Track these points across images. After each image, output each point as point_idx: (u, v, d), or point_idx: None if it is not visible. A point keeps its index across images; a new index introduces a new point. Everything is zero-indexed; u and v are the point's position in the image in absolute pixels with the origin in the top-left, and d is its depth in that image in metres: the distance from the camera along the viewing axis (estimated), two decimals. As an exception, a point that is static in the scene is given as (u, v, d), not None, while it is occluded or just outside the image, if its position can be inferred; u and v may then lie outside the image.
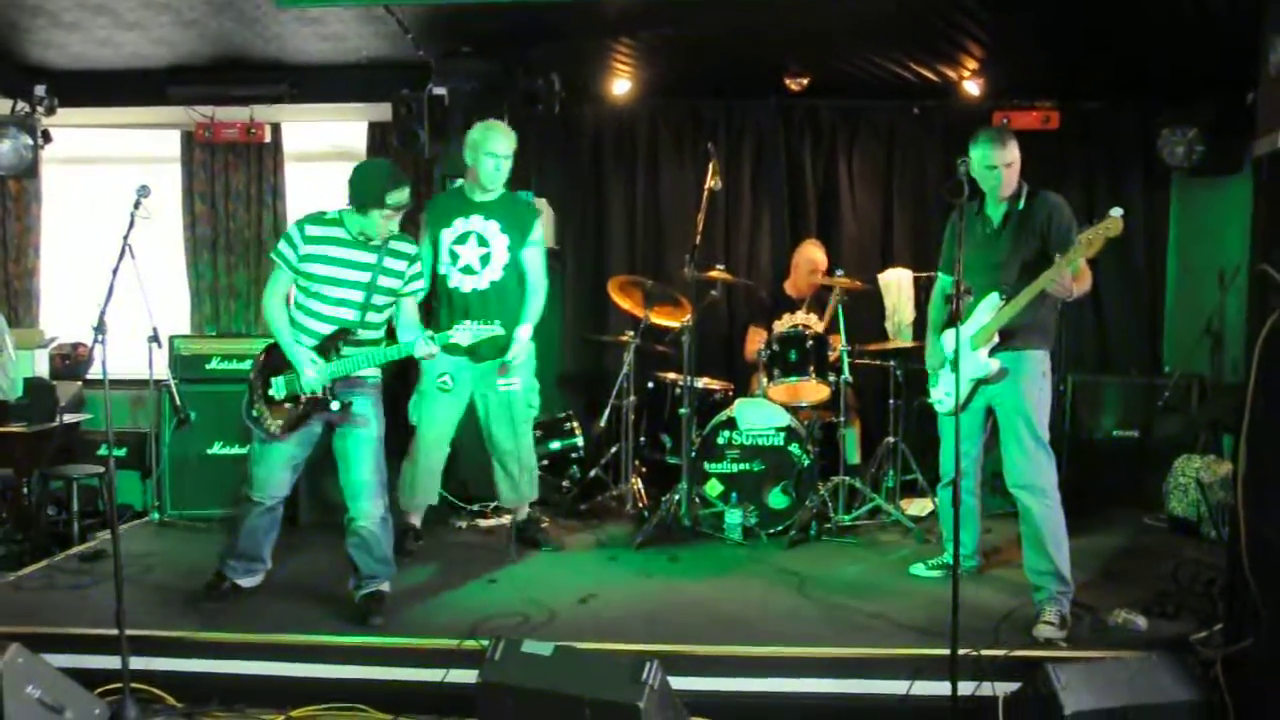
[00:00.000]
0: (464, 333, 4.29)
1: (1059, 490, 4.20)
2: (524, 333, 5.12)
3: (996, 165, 4.25)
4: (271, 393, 4.35)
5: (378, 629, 4.14)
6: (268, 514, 4.48)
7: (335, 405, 4.26)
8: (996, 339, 4.23)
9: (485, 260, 5.09)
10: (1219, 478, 5.50)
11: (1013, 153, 4.28)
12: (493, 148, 5.02)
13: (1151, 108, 6.68)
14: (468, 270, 5.10)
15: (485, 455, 5.33)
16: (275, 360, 4.36)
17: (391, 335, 4.51)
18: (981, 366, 4.26)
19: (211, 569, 4.58)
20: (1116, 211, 3.81)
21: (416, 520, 5.42)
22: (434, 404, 5.16)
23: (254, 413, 4.36)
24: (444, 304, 5.17)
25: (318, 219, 4.38)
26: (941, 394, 4.60)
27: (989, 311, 4.26)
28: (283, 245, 4.34)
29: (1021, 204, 4.33)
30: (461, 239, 5.10)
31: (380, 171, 4.31)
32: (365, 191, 4.23)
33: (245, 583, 4.57)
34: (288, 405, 4.32)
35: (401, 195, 4.23)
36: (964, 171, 3.74)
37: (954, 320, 3.74)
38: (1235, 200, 6.25)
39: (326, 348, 4.28)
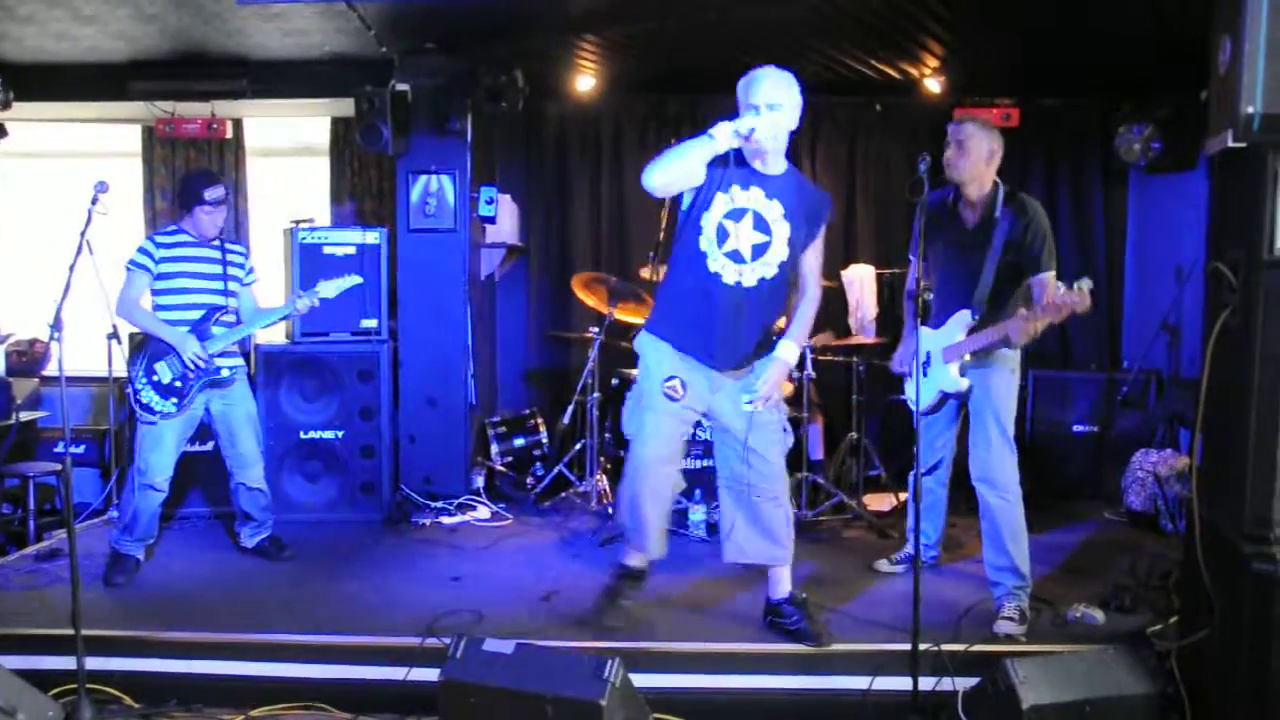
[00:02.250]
0: (329, 285, 4.97)
1: (1019, 486, 4.23)
2: (790, 352, 3.98)
3: (949, 140, 4.15)
4: (157, 378, 4.83)
5: (290, 559, 5.07)
6: (162, 497, 4.93)
7: (225, 372, 4.92)
8: (968, 356, 4.19)
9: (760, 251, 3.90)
10: (1175, 472, 5.58)
11: (965, 130, 4.16)
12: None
13: (1109, 105, 6.76)
14: (735, 256, 3.90)
15: (451, 447, 5.24)
16: (151, 349, 4.86)
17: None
18: (951, 383, 4.21)
19: (109, 553, 4.89)
20: (1086, 284, 3.68)
21: (641, 562, 4.24)
22: (658, 415, 4.01)
23: (143, 399, 4.82)
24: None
25: (162, 232, 5.06)
26: (910, 396, 4.56)
27: (960, 329, 4.18)
28: (140, 256, 4.88)
29: (999, 209, 4.17)
30: (737, 213, 3.90)
31: (196, 175, 5.22)
32: (188, 193, 4.94)
33: (142, 556, 4.99)
34: (176, 384, 4.83)
35: (218, 192, 4.94)
36: (925, 168, 3.71)
37: (921, 316, 3.73)
38: (1191, 197, 6.33)
39: (203, 324, 4.88)
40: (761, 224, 3.85)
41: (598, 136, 7.25)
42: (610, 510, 5.75)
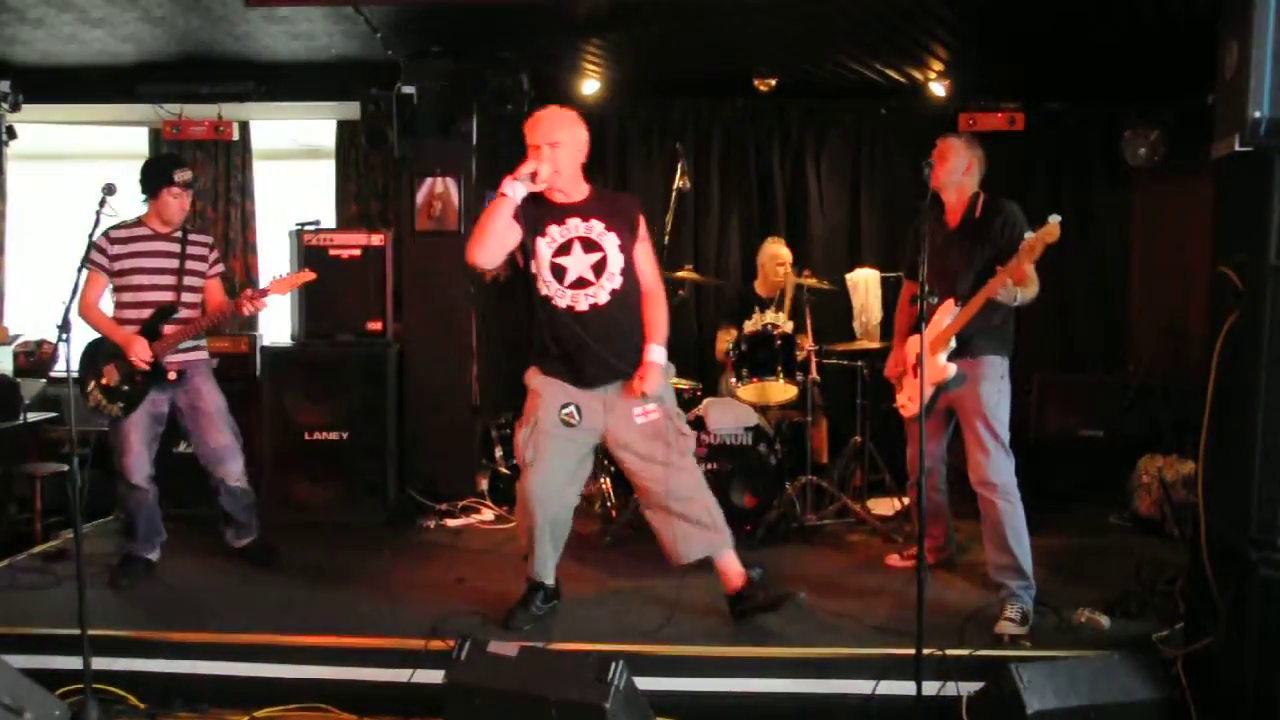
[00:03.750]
0: (282, 283, 4.83)
1: (1019, 489, 4.25)
2: (657, 354, 4.13)
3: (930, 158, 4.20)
4: (104, 380, 4.71)
5: (280, 568, 4.87)
6: (150, 494, 4.85)
7: (172, 375, 4.73)
8: (954, 344, 4.29)
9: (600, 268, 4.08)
10: (1181, 477, 5.57)
11: (950, 144, 4.45)
12: None
13: (1115, 109, 6.76)
14: (580, 284, 4.07)
15: (455, 449, 5.23)
16: (100, 353, 4.73)
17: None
18: (939, 370, 4.30)
19: (116, 559, 4.92)
20: (1054, 218, 3.83)
21: (548, 579, 4.35)
22: (556, 442, 4.11)
23: (91, 404, 4.73)
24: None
25: (119, 226, 4.77)
26: (904, 398, 4.70)
27: (948, 317, 4.33)
28: (94, 254, 4.64)
29: (978, 212, 4.40)
30: (563, 248, 4.09)
31: (163, 159, 5.25)
32: (155, 175, 4.78)
33: (154, 556, 4.94)
34: (124, 388, 4.70)
35: (186, 175, 4.79)
36: (928, 174, 3.75)
37: (918, 322, 3.72)
38: (1198, 201, 6.30)
39: (153, 324, 4.70)
40: (589, 244, 4.06)
41: (602, 140, 7.23)
42: (614, 513, 5.75)
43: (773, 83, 6.61)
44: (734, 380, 5.79)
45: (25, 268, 7.65)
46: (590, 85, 6.75)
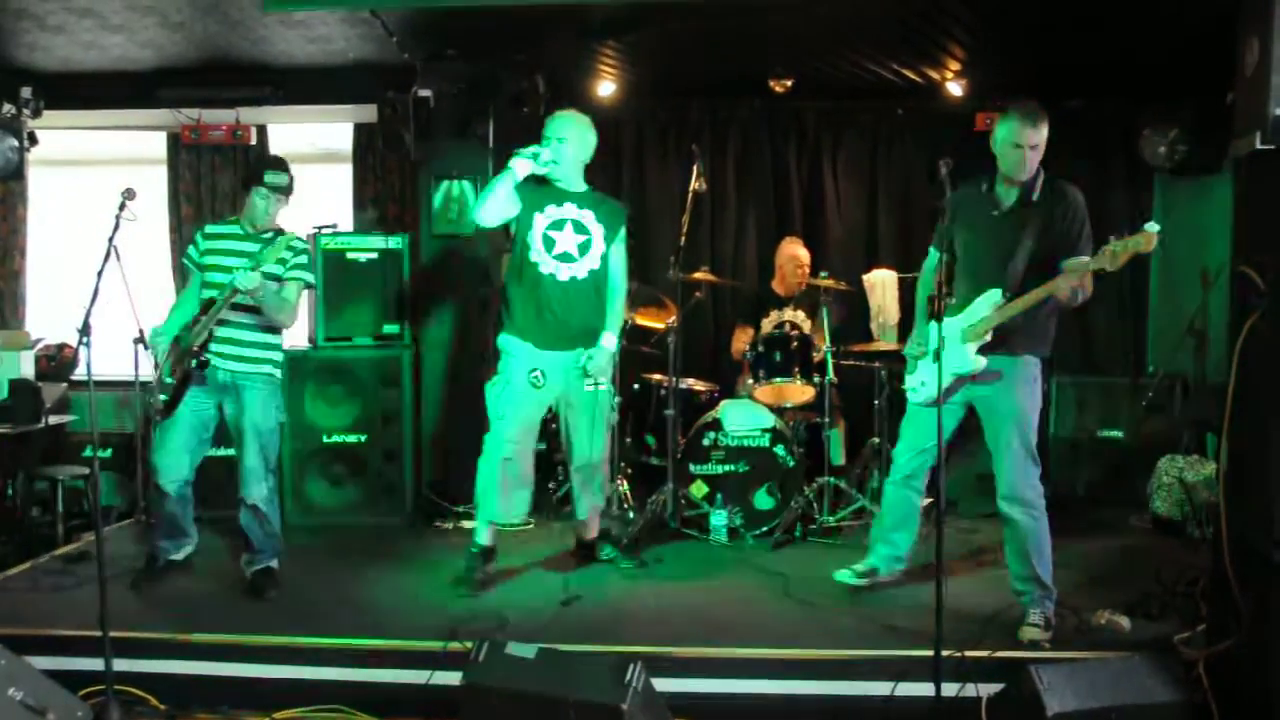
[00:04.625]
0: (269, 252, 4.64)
1: (1043, 499, 4.16)
2: (609, 340, 4.87)
3: (1022, 145, 4.00)
4: (165, 376, 4.70)
5: (272, 601, 4.60)
6: (178, 501, 4.78)
7: (221, 373, 4.62)
8: (989, 337, 4.06)
9: (585, 248, 4.78)
10: (1203, 478, 5.53)
11: (1042, 134, 4.03)
12: None
13: (1134, 107, 6.70)
14: (565, 257, 4.75)
15: (472, 451, 5.25)
16: (173, 346, 4.67)
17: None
18: (967, 362, 4.08)
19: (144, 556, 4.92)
20: (1152, 227, 3.61)
21: (491, 540, 4.91)
22: (524, 400, 4.79)
23: (158, 396, 4.73)
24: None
25: (217, 224, 4.95)
26: (917, 382, 4.40)
27: (989, 306, 4.08)
28: (189, 250, 4.83)
29: (1038, 194, 4.10)
30: (557, 224, 4.76)
31: (266, 157, 5.26)
32: (249, 174, 4.90)
33: (178, 556, 4.94)
34: (170, 380, 4.65)
35: (278, 177, 4.76)
36: (945, 174, 3.68)
37: (937, 316, 3.60)
38: (1218, 200, 6.27)
39: (194, 320, 4.62)
40: (580, 227, 4.78)
41: (618, 141, 7.25)
42: (631, 515, 5.75)
43: (789, 83, 6.59)
44: (751, 381, 5.79)
45: (46, 272, 7.71)
46: (606, 87, 6.75)
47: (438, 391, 6.33)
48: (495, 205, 4.63)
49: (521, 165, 4.56)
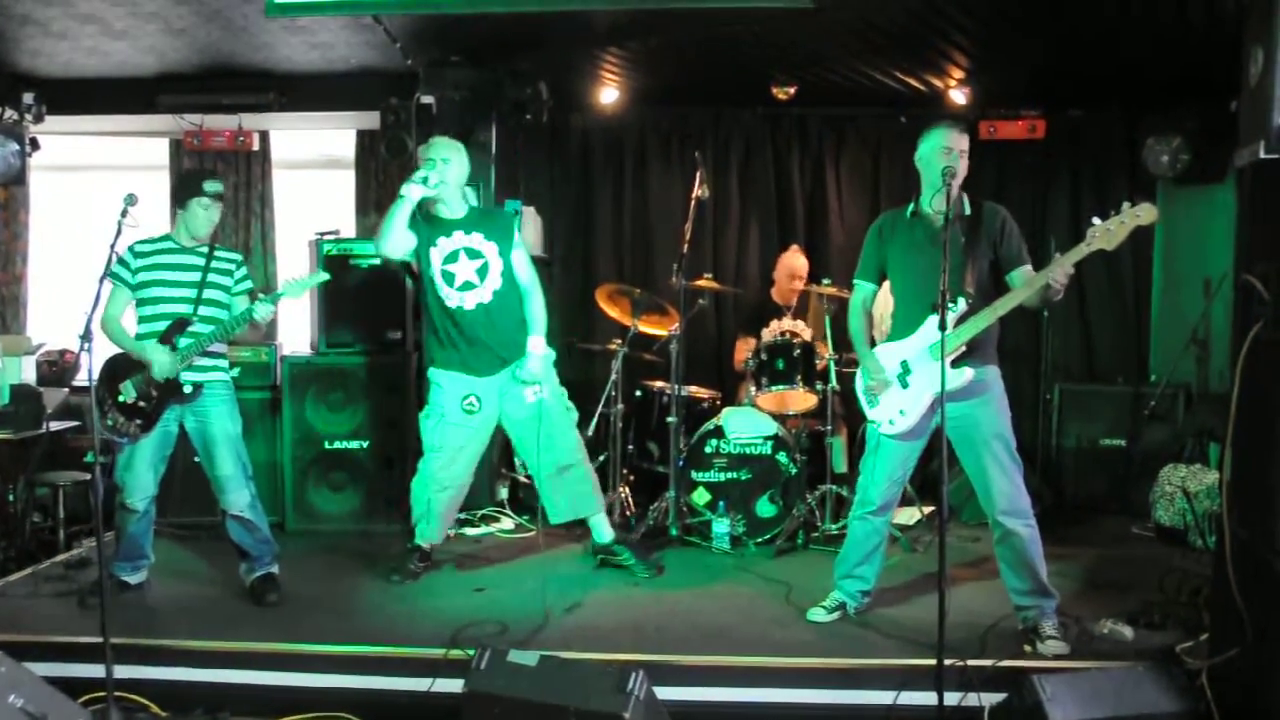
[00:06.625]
0: (295, 286, 4.73)
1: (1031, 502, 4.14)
2: (536, 344, 4.93)
3: (954, 148, 4.06)
4: (122, 398, 4.57)
5: (273, 606, 4.61)
6: (144, 518, 4.73)
7: (187, 388, 4.59)
8: (963, 349, 3.99)
9: (484, 272, 4.86)
10: (1205, 487, 5.52)
11: (966, 142, 4.11)
12: None
13: (1136, 116, 6.71)
14: (467, 286, 4.86)
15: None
16: (116, 369, 4.62)
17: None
18: (952, 377, 3.86)
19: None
20: (1148, 205, 3.65)
21: (429, 545, 5.12)
22: (459, 429, 4.94)
23: (109, 422, 4.57)
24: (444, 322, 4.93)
25: (146, 240, 4.70)
26: (894, 411, 4.20)
27: (949, 322, 3.90)
28: (117, 268, 4.56)
29: (968, 209, 4.15)
30: (451, 257, 4.85)
31: (196, 170, 5.27)
32: (186, 186, 4.75)
33: (133, 579, 4.82)
34: (140, 404, 4.58)
35: (217, 185, 4.73)
36: (948, 181, 3.68)
37: (940, 320, 3.56)
38: (1220, 209, 6.28)
39: (168, 336, 4.57)
40: (472, 253, 4.86)
41: (621, 149, 7.27)
42: (634, 522, 5.74)
43: (792, 91, 6.60)
44: (754, 389, 5.79)
45: (48, 278, 7.71)
46: (609, 94, 6.76)
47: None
48: (396, 235, 4.72)
49: (414, 190, 4.65)
